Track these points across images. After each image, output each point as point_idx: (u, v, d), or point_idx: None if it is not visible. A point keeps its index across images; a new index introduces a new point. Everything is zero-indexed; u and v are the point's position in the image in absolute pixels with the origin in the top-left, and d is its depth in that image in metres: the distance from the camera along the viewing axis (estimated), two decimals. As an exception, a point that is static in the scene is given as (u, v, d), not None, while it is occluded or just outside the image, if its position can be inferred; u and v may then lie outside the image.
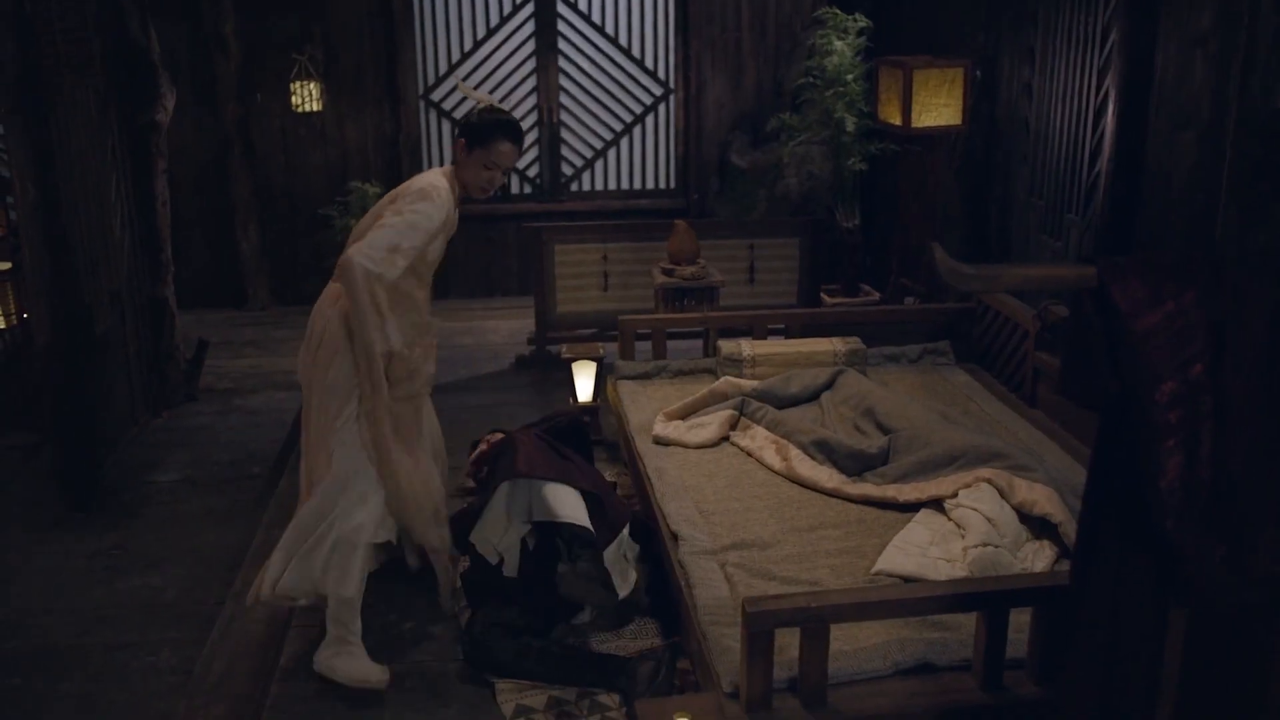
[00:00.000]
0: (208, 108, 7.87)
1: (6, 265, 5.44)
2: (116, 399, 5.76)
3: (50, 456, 5.40)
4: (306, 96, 7.83)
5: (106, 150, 5.72)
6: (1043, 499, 3.65)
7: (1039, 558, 3.52)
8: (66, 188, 5.17)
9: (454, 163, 4.00)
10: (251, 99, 7.95)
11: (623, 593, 3.76)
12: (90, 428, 5.31)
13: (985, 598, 2.91)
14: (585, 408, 5.36)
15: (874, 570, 3.49)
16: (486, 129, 3.90)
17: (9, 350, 5.90)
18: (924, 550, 3.50)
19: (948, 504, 3.76)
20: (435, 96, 8.29)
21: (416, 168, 8.26)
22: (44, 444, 5.62)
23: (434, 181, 3.87)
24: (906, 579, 3.39)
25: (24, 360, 5.76)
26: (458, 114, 8.32)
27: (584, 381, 5.40)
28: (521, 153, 4.17)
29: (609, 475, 4.76)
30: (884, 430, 4.41)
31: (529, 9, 8.20)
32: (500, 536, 3.80)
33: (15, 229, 5.29)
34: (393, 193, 3.93)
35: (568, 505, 3.73)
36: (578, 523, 3.69)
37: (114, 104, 5.81)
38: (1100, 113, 5.48)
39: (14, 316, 5.48)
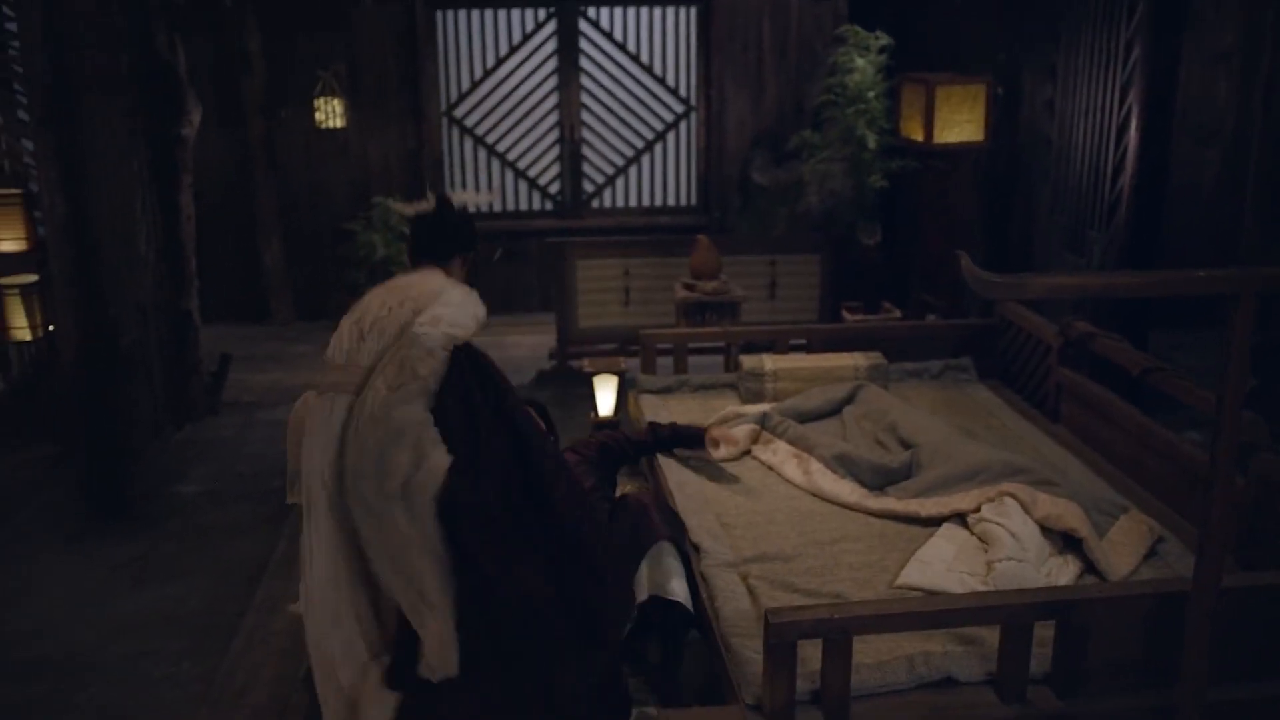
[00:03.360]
0: (233, 124, 7.93)
1: (33, 278, 5.48)
2: (140, 411, 5.79)
3: (75, 468, 5.44)
4: (330, 113, 7.88)
5: (133, 165, 5.78)
6: (1066, 514, 3.63)
7: (1063, 573, 3.50)
8: (94, 202, 5.22)
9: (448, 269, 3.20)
10: (276, 115, 8.01)
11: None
12: (114, 440, 5.34)
13: (1009, 610, 2.90)
14: (606, 421, 5.36)
15: (896, 584, 3.48)
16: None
17: (35, 363, 5.95)
18: (948, 564, 3.49)
19: (970, 518, 3.75)
20: (457, 113, 8.34)
21: (440, 183, 8.31)
22: (69, 455, 5.66)
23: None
24: (929, 593, 3.38)
25: (50, 373, 5.80)
26: (480, 130, 8.37)
27: (605, 395, 5.40)
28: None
29: (629, 489, 4.75)
30: (905, 445, 4.40)
31: (551, 27, 8.25)
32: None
33: (43, 243, 5.34)
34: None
35: (681, 581, 3.55)
36: (687, 604, 3.53)
37: (141, 119, 5.87)
38: (1123, 129, 5.48)
39: (40, 329, 5.51)
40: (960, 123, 5.96)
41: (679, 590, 3.52)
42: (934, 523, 3.85)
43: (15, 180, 5.84)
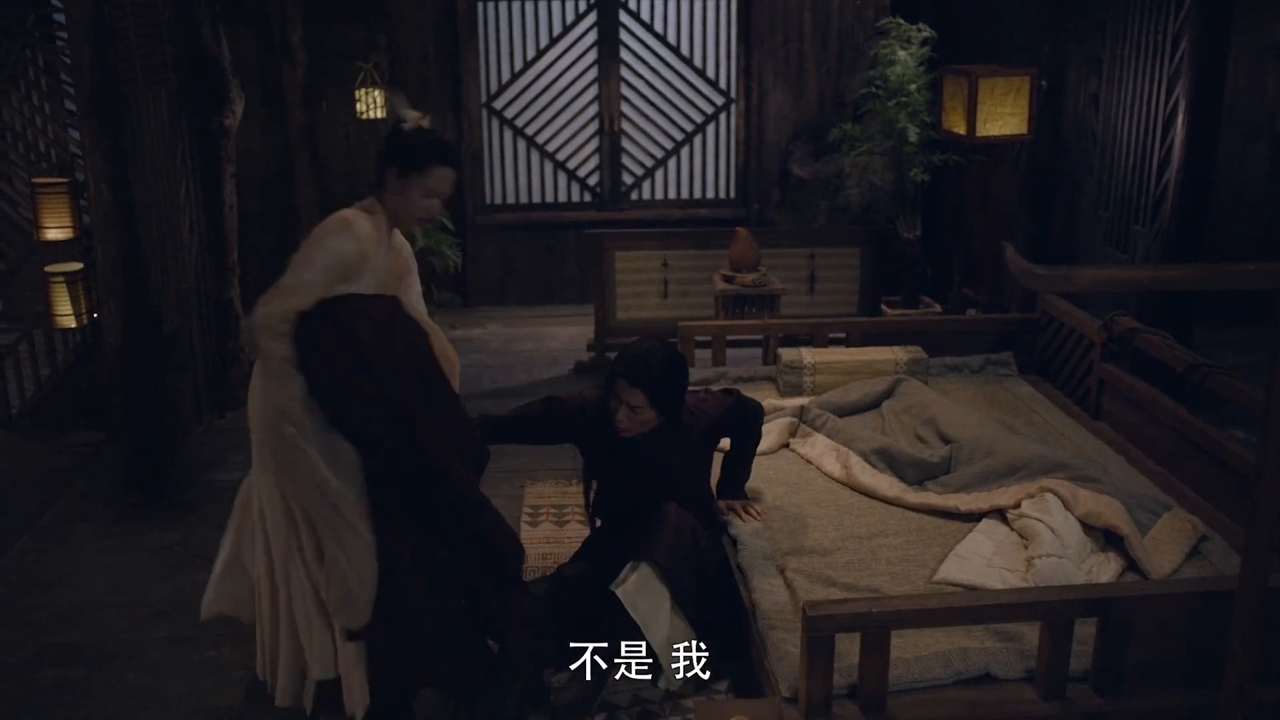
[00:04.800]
0: (275, 114, 7.97)
1: (77, 266, 5.54)
2: (182, 399, 5.85)
3: (117, 454, 5.49)
4: (371, 104, 7.90)
5: (177, 154, 5.83)
6: (1108, 511, 3.60)
7: (1104, 570, 3.47)
8: (139, 191, 5.27)
9: (380, 191, 3.38)
10: (317, 106, 8.04)
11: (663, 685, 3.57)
12: (157, 426, 5.39)
13: (1049, 607, 2.88)
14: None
15: (935, 579, 3.46)
16: (423, 153, 3.35)
17: (79, 350, 6.01)
18: (987, 560, 3.47)
19: (1010, 514, 3.73)
20: (498, 105, 8.35)
21: (479, 175, 8.32)
22: (111, 442, 5.72)
23: (342, 214, 3.29)
24: (968, 588, 3.36)
25: (93, 360, 5.86)
26: (520, 122, 8.38)
27: (643, 388, 5.39)
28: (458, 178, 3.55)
29: None
30: (945, 440, 4.37)
31: (591, 18, 8.24)
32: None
33: (88, 231, 5.40)
34: None
35: (660, 627, 3.48)
36: (653, 648, 3.47)
37: (185, 109, 5.92)
38: (1169, 123, 5.41)
39: (84, 316, 5.57)
40: (1003, 116, 5.90)
41: (632, 602, 3.44)
42: (973, 518, 3.83)
43: (62, 169, 5.90)
